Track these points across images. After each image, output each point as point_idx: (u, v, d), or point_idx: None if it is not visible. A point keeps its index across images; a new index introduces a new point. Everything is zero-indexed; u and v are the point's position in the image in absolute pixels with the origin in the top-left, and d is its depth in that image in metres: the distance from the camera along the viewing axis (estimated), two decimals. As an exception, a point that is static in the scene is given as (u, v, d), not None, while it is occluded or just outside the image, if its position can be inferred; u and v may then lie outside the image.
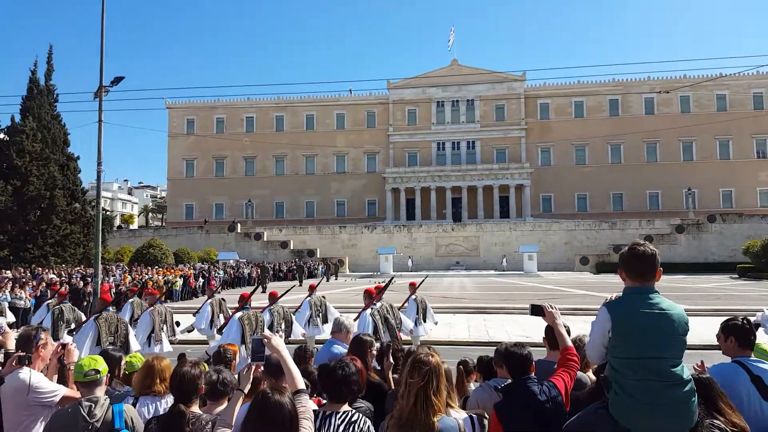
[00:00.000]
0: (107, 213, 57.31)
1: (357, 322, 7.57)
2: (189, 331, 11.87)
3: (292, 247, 53.45)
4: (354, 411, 2.99)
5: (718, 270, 43.34)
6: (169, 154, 70.60)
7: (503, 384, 3.39)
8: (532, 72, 67.76)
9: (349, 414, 2.93)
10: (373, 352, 4.37)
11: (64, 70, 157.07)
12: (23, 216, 35.37)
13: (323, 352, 5.13)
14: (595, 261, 48.13)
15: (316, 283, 12.71)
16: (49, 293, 17.24)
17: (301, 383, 2.88)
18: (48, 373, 3.80)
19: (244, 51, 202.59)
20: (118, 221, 77.80)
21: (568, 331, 3.70)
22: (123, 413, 3.16)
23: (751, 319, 3.97)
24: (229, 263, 41.82)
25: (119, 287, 23.06)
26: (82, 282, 22.58)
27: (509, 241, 52.66)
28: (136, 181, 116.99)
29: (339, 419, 2.88)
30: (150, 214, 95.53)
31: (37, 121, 38.80)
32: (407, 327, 9.85)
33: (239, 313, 8.42)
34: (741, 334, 3.54)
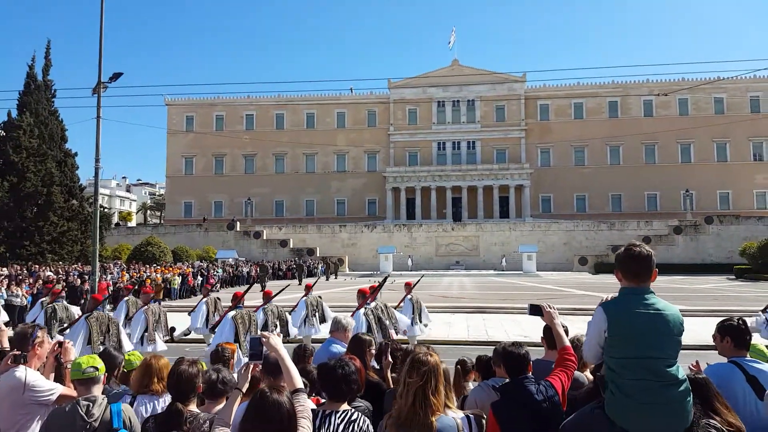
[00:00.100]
0: (105, 210, 57.18)
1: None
2: (186, 335, 11.88)
3: (291, 246, 53.42)
4: (353, 410, 3.00)
5: (716, 271, 43.49)
6: (168, 151, 70.47)
7: (501, 383, 3.40)
8: (532, 73, 67.92)
9: (349, 413, 2.93)
10: (372, 351, 4.37)
11: (62, 66, 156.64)
12: (20, 212, 35.28)
13: (322, 351, 5.13)
14: (593, 261, 48.22)
15: (313, 283, 12.77)
16: (44, 291, 17.24)
17: (299, 382, 2.88)
18: (45, 372, 3.77)
19: (244, 49, 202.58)
20: (116, 218, 77.60)
21: (567, 331, 3.71)
22: (121, 413, 3.13)
23: (747, 320, 3.99)
24: (228, 262, 41.83)
25: (117, 285, 23.03)
26: (79, 279, 22.54)
27: (509, 241, 52.73)
28: (135, 178, 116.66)
29: (339, 418, 2.89)
30: (148, 211, 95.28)
31: (35, 117, 38.67)
32: (404, 324, 9.84)
33: (232, 312, 8.45)
34: (737, 335, 3.57)
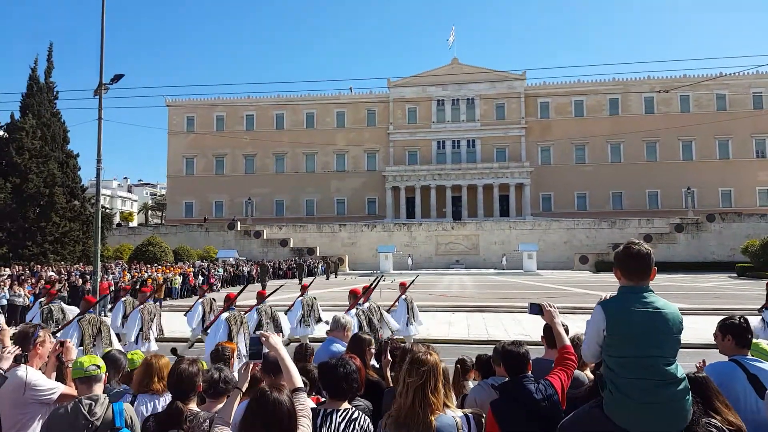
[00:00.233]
0: (107, 210, 57.20)
1: None
2: (190, 347, 11.89)
3: (291, 245, 53.44)
4: (354, 409, 3.01)
5: (717, 269, 43.43)
6: (169, 151, 70.57)
7: (501, 382, 3.39)
8: (532, 71, 67.88)
9: (350, 412, 2.94)
10: (371, 350, 4.38)
11: (64, 68, 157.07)
12: (22, 213, 35.37)
13: (322, 350, 5.13)
14: (594, 260, 48.15)
15: (309, 283, 12.86)
16: (42, 292, 17.33)
17: (299, 381, 2.88)
18: (47, 371, 3.79)
19: (244, 49, 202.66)
20: (117, 219, 77.70)
21: (567, 330, 3.70)
22: (123, 412, 3.15)
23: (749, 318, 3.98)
24: (229, 261, 41.86)
25: (118, 285, 23.05)
26: (81, 280, 22.59)
27: (509, 239, 52.69)
28: (136, 179, 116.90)
29: (340, 417, 2.90)
30: (149, 211, 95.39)
31: (37, 119, 38.77)
32: (393, 327, 9.95)
33: (226, 314, 8.52)
34: (738, 333, 3.55)
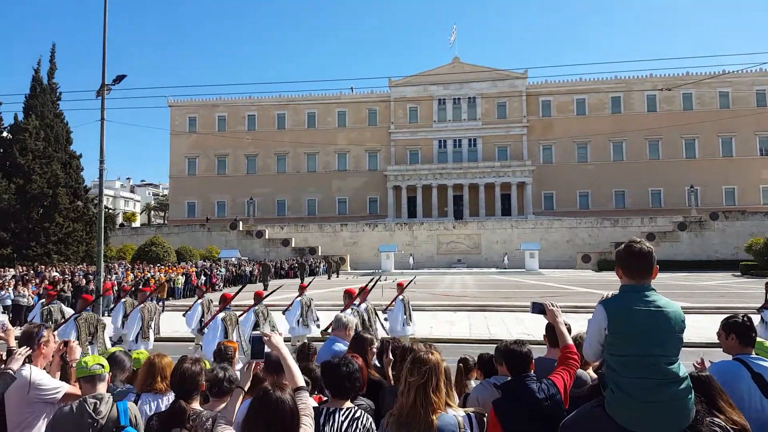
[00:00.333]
0: (109, 211, 57.32)
1: None
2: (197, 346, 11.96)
3: (293, 245, 53.49)
4: (357, 408, 3.02)
5: (721, 268, 43.25)
6: (172, 152, 70.74)
7: (503, 381, 3.39)
8: (533, 69, 68.03)
9: (353, 410, 2.96)
10: (373, 349, 4.38)
11: (67, 69, 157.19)
12: (26, 214, 35.50)
13: (325, 349, 5.14)
14: (597, 259, 48.05)
15: (307, 283, 12.91)
16: (44, 293, 17.51)
17: (301, 380, 2.89)
18: (51, 371, 3.81)
19: (244, 49, 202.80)
20: (120, 219, 77.83)
21: (569, 329, 3.69)
22: (128, 410, 3.17)
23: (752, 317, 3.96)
24: (231, 261, 41.93)
25: (121, 285, 23.12)
26: (84, 280, 22.69)
27: (511, 238, 52.61)
28: (139, 179, 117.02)
29: (342, 415, 2.91)
30: (152, 212, 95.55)
31: (40, 120, 38.93)
32: (387, 329, 10.05)
33: (222, 314, 8.56)
34: (742, 332, 3.53)
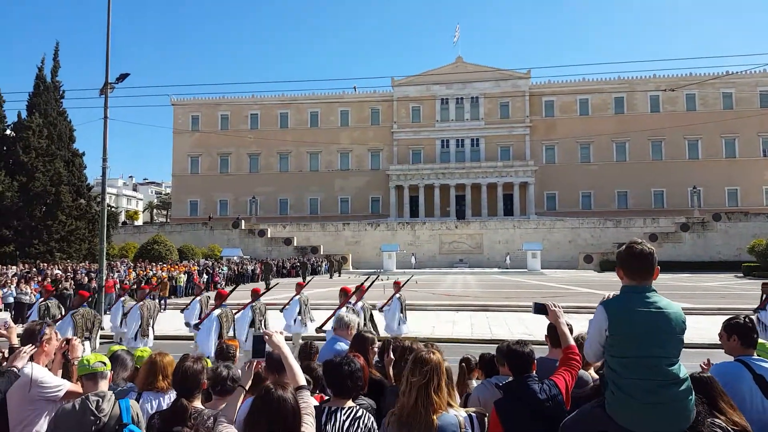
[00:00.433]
0: (112, 209, 57.48)
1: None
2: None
3: (295, 244, 53.54)
4: (358, 407, 3.02)
5: (724, 269, 43.17)
6: (174, 150, 70.87)
7: (504, 382, 3.39)
8: (536, 69, 67.87)
9: (354, 410, 2.96)
10: (374, 349, 4.37)
11: (70, 67, 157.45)
12: (29, 212, 35.59)
13: (326, 348, 5.14)
14: (599, 259, 47.98)
15: (306, 282, 12.92)
16: (43, 291, 17.67)
17: (302, 379, 2.89)
18: (53, 368, 3.81)
19: (246, 49, 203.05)
20: (122, 217, 78.02)
21: (571, 330, 3.68)
22: (130, 408, 3.17)
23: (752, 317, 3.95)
24: (233, 260, 42.00)
25: (122, 283, 23.18)
26: (87, 278, 22.74)
27: (513, 238, 52.57)
28: (141, 178, 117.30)
29: (344, 415, 2.91)
30: (155, 210, 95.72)
31: (44, 118, 39.01)
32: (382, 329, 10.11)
33: (217, 311, 8.59)
34: (744, 333, 3.53)
